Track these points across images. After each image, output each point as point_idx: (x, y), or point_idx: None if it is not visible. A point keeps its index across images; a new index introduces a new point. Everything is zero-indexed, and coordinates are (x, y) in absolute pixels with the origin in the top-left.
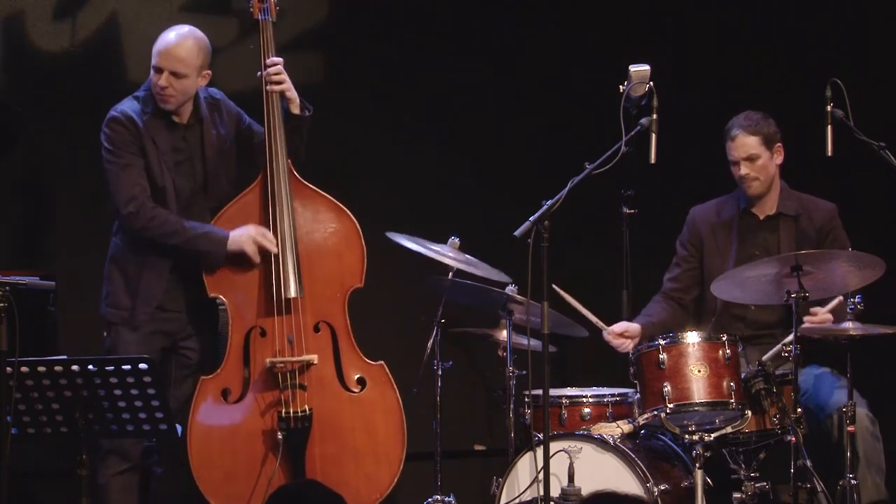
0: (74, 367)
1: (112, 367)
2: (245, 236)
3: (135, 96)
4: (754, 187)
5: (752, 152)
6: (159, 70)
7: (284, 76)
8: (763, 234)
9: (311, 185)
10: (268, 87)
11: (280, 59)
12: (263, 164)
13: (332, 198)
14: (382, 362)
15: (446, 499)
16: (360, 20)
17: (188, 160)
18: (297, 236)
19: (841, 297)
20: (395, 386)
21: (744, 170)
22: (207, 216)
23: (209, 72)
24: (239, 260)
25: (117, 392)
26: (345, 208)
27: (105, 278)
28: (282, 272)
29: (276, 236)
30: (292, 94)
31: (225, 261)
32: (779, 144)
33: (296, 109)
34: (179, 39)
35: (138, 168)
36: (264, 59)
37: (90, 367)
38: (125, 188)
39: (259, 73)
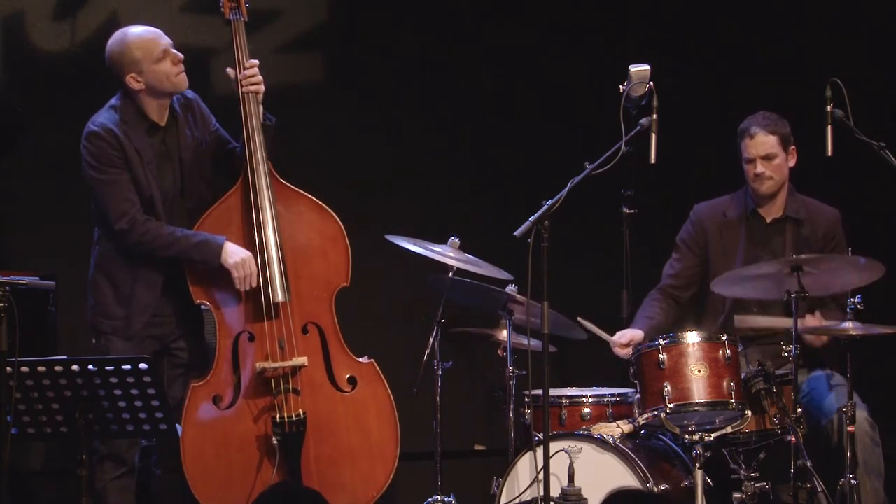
0: (74, 367)
1: (112, 367)
2: (239, 259)
3: (111, 106)
4: (767, 186)
5: (771, 151)
6: (167, 53)
7: (261, 78)
8: (770, 236)
9: (292, 186)
10: (244, 90)
11: (257, 62)
12: (244, 167)
13: (314, 198)
14: (372, 360)
15: (446, 499)
16: (360, 21)
17: (168, 163)
18: (282, 238)
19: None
20: (385, 383)
21: (760, 168)
22: (185, 218)
23: None
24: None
25: (117, 392)
26: (327, 208)
27: (90, 287)
28: (268, 277)
29: (260, 240)
30: (260, 98)
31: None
32: (793, 147)
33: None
34: (146, 27)
35: (125, 182)
36: (240, 61)
37: (90, 367)
38: (116, 204)
39: (233, 74)
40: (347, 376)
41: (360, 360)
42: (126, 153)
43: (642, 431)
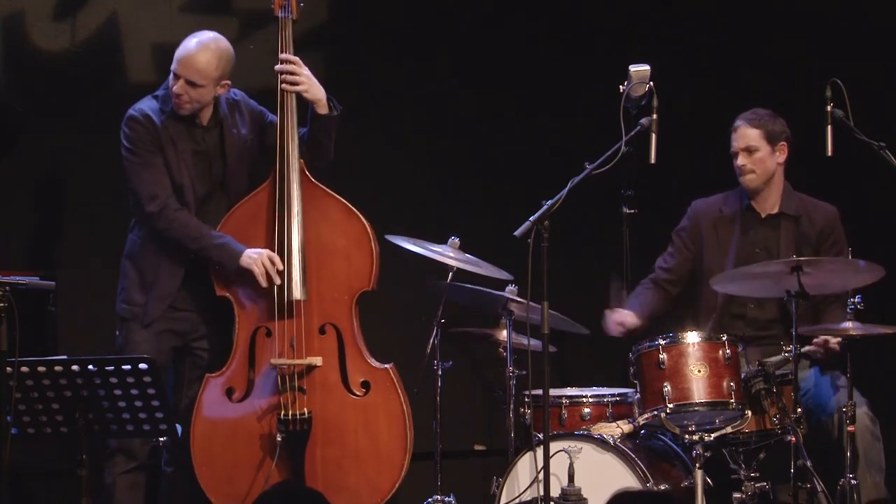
0: (74, 367)
1: (112, 367)
2: (257, 257)
3: (154, 95)
4: (749, 179)
5: (751, 144)
6: (177, 76)
7: (299, 77)
8: (764, 231)
9: (322, 186)
10: (282, 87)
11: (295, 59)
12: (274, 163)
13: (343, 200)
14: (390, 366)
15: (446, 499)
16: (360, 20)
17: (206, 160)
18: (306, 237)
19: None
20: (400, 390)
21: (741, 160)
22: (216, 216)
23: (228, 82)
24: None
25: (117, 392)
26: (356, 211)
27: (121, 275)
28: (288, 274)
29: (282, 237)
30: (312, 95)
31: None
32: (783, 143)
33: (321, 109)
34: (199, 49)
35: (159, 166)
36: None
37: (90, 367)
38: (147, 186)
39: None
40: (361, 380)
41: (379, 365)
42: (160, 139)
43: (642, 431)
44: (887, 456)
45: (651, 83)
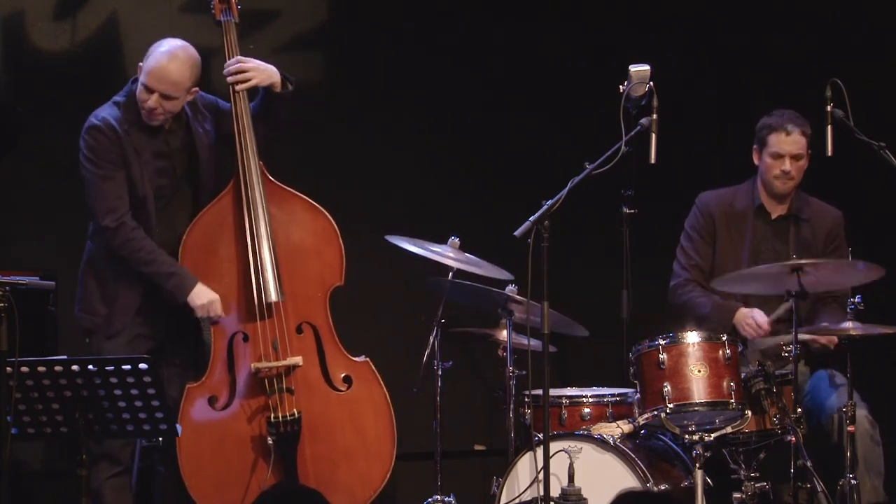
0: (74, 367)
1: (112, 367)
2: (206, 301)
3: (115, 101)
4: (789, 186)
5: (801, 151)
6: (150, 90)
7: (244, 70)
8: (774, 233)
9: (284, 186)
10: (234, 87)
11: (235, 59)
12: (235, 168)
13: (306, 197)
14: (367, 359)
15: (446, 499)
16: (360, 20)
17: (170, 163)
18: (275, 239)
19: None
20: (381, 382)
21: (788, 165)
22: (185, 216)
23: (196, 88)
24: (217, 267)
25: (117, 392)
26: (320, 207)
27: (79, 282)
28: (261, 277)
29: (252, 240)
30: (268, 81)
31: (203, 268)
32: (809, 150)
33: (278, 89)
34: (171, 61)
35: (119, 180)
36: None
37: (90, 367)
38: (106, 200)
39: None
40: (343, 375)
41: (356, 359)
42: (124, 150)
43: (642, 431)
44: (887, 458)
45: (651, 83)
